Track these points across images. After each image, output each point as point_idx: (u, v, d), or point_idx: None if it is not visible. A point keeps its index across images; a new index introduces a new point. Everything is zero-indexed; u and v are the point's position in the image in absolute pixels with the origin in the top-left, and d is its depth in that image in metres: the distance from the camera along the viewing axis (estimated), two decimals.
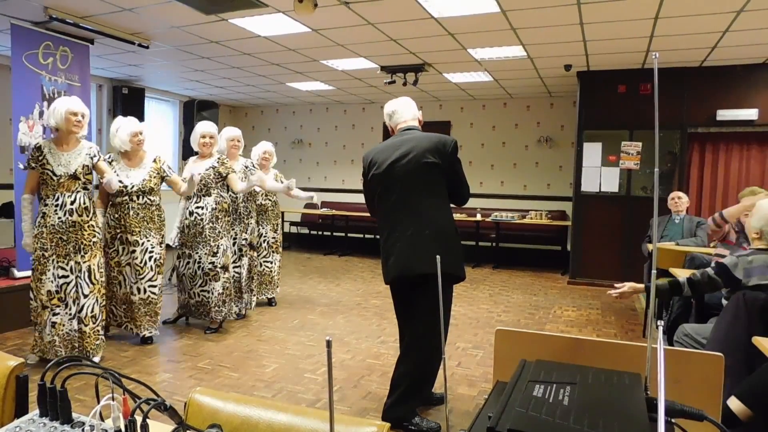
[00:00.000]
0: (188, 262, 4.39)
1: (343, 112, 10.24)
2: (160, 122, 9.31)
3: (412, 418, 2.77)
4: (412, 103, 3.02)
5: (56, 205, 3.45)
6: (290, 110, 10.68)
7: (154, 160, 4.09)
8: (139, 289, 3.97)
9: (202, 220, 4.33)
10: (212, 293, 4.35)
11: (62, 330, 3.51)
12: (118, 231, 3.94)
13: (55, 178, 3.45)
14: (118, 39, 5.56)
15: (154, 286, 4.01)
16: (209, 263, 4.33)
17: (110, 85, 8.24)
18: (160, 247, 4.06)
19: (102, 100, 8.21)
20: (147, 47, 5.92)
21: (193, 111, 9.11)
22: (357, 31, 5.33)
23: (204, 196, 4.37)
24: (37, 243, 3.45)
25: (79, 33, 5.38)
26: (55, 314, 3.48)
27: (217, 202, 4.40)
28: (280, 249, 5.46)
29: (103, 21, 5.21)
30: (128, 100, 8.15)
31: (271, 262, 5.33)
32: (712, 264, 2.84)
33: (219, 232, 4.37)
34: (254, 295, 5.04)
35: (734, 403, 2.24)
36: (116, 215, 3.94)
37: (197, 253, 4.34)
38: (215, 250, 4.34)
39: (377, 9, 4.65)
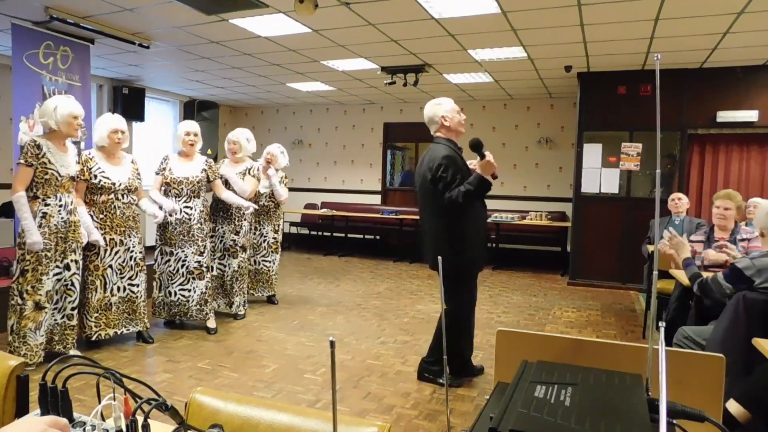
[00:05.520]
0: (169, 260, 4.34)
1: (343, 112, 10.24)
2: (160, 122, 9.31)
3: (438, 378, 3.48)
4: (438, 109, 3.38)
5: (59, 206, 3.44)
6: (290, 111, 10.68)
7: (132, 161, 4.03)
8: (119, 288, 3.91)
9: (190, 219, 4.32)
10: (194, 291, 4.35)
11: (48, 323, 3.52)
12: (102, 232, 3.80)
13: (60, 178, 3.43)
14: (118, 39, 5.56)
15: (135, 285, 3.99)
16: (195, 262, 4.33)
17: (110, 85, 8.23)
18: (140, 245, 4.05)
19: (102, 100, 8.20)
20: (147, 47, 5.92)
21: (193, 111, 9.11)
22: (357, 32, 5.34)
23: (194, 197, 4.36)
24: None
25: (80, 33, 5.39)
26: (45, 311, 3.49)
27: (204, 205, 4.44)
28: (279, 249, 5.47)
29: (104, 21, 5.22)
30: (128, 100, 8.16)
31: (270, 262, 5.36)
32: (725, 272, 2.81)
33: (206, 233, 4.42)
34: (245, 299, 4.99)
35: (733, 406, 2.24)
36: (100, 215, 3.81)
37: (183, 251, 4.31)
38: (202, 250, 4.36)
39: (378, 9, 4.66)
